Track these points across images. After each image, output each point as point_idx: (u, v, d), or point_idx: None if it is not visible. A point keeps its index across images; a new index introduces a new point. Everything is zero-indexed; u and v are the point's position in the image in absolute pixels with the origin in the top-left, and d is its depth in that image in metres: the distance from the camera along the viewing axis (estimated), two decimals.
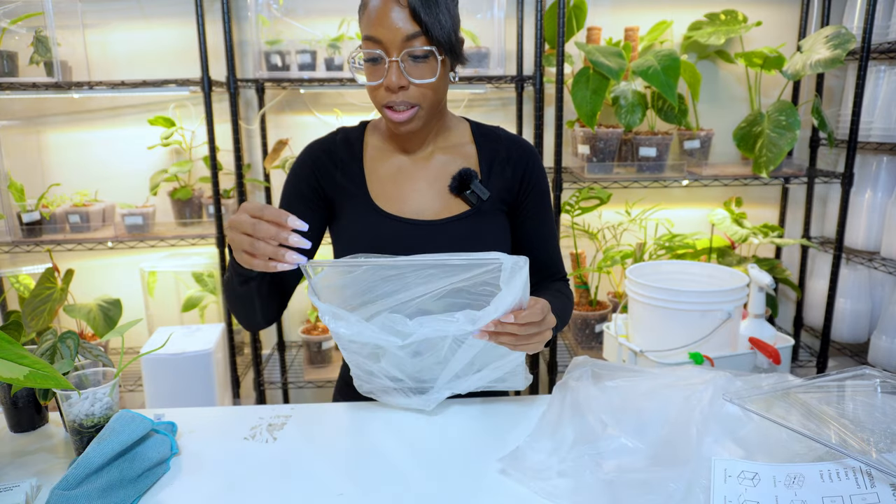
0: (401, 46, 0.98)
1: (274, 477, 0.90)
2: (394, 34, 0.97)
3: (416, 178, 1.14)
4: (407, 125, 1.05)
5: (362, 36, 1.01)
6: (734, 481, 0.77)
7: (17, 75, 2.18)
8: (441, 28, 0.99)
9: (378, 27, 0.98)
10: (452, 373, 1.01)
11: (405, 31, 0.97)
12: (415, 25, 0.97)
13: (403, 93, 1.01)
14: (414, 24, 0.97)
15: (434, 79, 1.01)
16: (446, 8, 1.00)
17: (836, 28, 2.05)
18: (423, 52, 0.99)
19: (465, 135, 1.19)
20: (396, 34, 0.97)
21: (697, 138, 2.29)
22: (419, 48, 0.99)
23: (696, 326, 1.65)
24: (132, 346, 2.54)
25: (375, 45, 0.99)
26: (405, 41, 0.98)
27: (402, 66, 0.99)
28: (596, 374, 1.03)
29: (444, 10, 0.99)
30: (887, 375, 0.93)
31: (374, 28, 0.98)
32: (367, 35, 1.00)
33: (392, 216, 1.11)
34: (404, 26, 0.97)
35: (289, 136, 2.33)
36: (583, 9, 2.22)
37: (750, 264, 1.87)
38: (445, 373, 1.01)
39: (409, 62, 1.00)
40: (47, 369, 0.76)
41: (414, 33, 0.98)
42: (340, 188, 1.13)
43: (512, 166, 1.16)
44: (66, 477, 0.82)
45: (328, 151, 1.15)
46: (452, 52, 1.03)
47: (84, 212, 2.24)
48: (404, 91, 1.01)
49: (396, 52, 0.98)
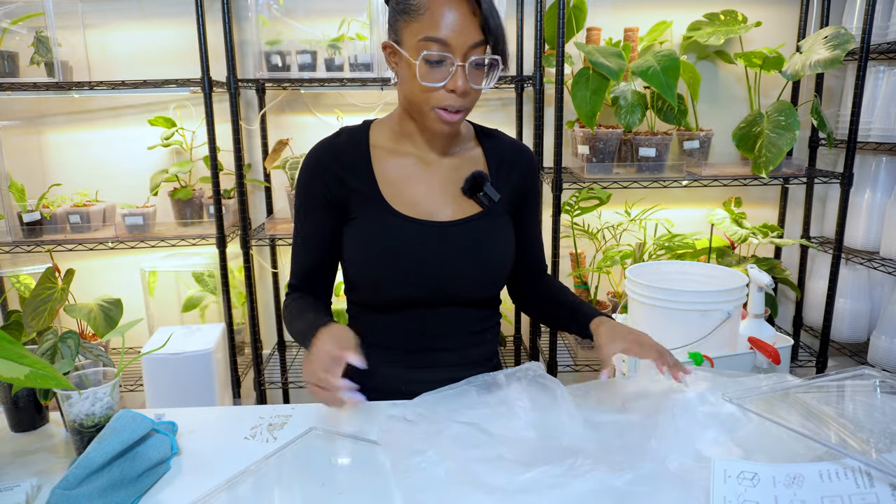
0: (468, 52, 1.01)
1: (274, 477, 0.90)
2: (465, 39, 1.00)
3: (427, 179, 1.16)
4: (454, 126, 1.07)
5: (422, 36, 1.00)
6: (734, 481, 0.77)
7: (17, 75, 2.18)
8: (504, 39, 1.03)
9: (450, 30, 0.99)
10: None
11: (474, 38, 1.00)
12: (481, 34, 1.01)
13: (464, 97, 1.04)
14: (481, 32, 1.00)
15: (490, 85, 1.06)
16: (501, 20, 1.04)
17: (836, 28, 2.05)
18: (491, 60, 1.03)
19: (471, 137, 1.22)
20: (467, 39, 1.00)
21: (697, 138, 2.29)
22: (484, 56, 1.02)
23: (695, 326, 1.65)
24: (132, 346, 2.54)
25: (444, 48, 1.00)
26: (472, 48, 1.01)
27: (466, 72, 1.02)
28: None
29: (502, 23, 1.03)
30: (886, 375, 0.93)
31: (444, 30, 0.99)
32: (434, 37, 1.00)
33: (407, 217, 1.12)
34: (473, 33, 1.00)
35: (289, 137, 2.33)
36: (582, 9, 2.22)
37: (749, 264, 1.87)
38: None
39: (471, 68, 1.02)
40: (48, 369, 0.76)
41: (480, 41, 1.01)
42: (351, 190, 1.13)
43: (517, 170, 1.20)
44: (67, 476, 0.82)
45: (335, 154, 1.15)
46: (506, 63, 1.06)
47: (84, 212, 2.24)
48: (466, 96, 1.04)
49: (463, 57, 1.01)
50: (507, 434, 0.92)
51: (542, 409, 0.99)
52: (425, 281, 1.11)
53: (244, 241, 2.24)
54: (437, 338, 1.17)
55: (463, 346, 1.19)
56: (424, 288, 1.12)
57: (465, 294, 1.15)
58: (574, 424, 0.95)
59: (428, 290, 1.12)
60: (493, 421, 0.96)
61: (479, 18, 1.00)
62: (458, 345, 1.19)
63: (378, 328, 1.18)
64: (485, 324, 1.22)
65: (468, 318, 1.18)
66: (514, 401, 1.01)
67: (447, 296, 1.14)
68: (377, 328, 1.18)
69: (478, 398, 1.03)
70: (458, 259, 1.12)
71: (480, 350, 1.22)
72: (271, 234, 2.25)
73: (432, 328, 1.16)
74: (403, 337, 1.17)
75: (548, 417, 0.97)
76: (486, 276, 1.15)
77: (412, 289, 1.12)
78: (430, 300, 1.14)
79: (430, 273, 1.11)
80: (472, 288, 1.15)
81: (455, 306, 1.16)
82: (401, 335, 1.17)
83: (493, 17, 1.00)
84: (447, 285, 1.13)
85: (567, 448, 0.88)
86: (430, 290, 1.12)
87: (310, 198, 1.15)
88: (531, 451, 0.88)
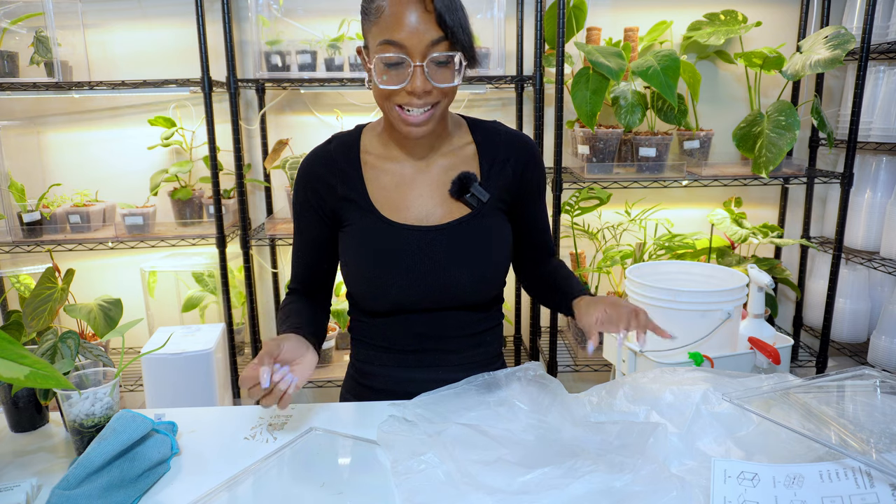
0: (425, 51, 0.98)
1: (274, 477, 0.90)
2: (419, 39, 0.97)
3: (417, 183, 1.14)
4: (421, 127, 1.05)
5: (380, 40, 0.99)
6: (734, 482, 0.77)
7: (17, 75, 2.18)
8: (464, 33, 0.99)
9: (402, 31, 0.97)
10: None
11: (430, 37, 0.97)
12: (439, 31, 0.97)
13: (426, 97, 1.01)
14: (438, 29, 0.97)
15: (456, 82, 1.03)
16: (463, 13, 1.01)
17: (836, 28, 2.05)
18: (447, 57, 1.00)
19: (465, 136, 1.19)
20: (422, 39, 0.97)
21: (697, 138, 2.29)
22: (444, 53, 0.99)
23: (695, 326, 1.65)
24: (132, 346, 2.54)
25: (398, 50, 0.98)
26: (430, 46, 0.98)
27: (426, 71, 0.99)
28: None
29: (463, 16, 1.00)
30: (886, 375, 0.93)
31: (397, 32, 0.97)
32: (389, 39, 0.98)
33: (396, 224, 1.11)
34: (430, 31, 0.97)
35: (289, 137, 2.33)
36: (583, 9, 2.22)
37: (749, 264, 1.87)
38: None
39: (432, 67, 1.00)
40: (48, 369, 0.76)
41: (438, 38, 0.98)
42: (343, 198, 1.13)
43: (512, 165, 1.16)
44: (67, 477, 0.82)
45: (325, 163, 1.15)
46: (471, 57, 1.03)
47: (84, 212, 2.24)
48: (427, 95, 1.01)
49: (420, 57, 0.98)
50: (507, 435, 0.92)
51: (542, 409, 0.99)
52: (419, 286, 1.11)
53: (244, 241, 2.24)
54: (438, 340, 1.17)
55: (464, 349, 1.19)
56: (419, 293, 1.11)
57: (460, 297, 1.14)
58: (574, 425, 0.95)
59: (423, 295, 1.12)
60: (493, 422, 0.96)
61: (433, 15, 0.96)
62: (459, 347, 1.18)
63: (378, 331, 1.18)
64: (485, 325, 1.21)
65: (468, 320, 1.17)
66: (514, 401, 1.01)
67: (443, 299, 1.13)
68: (377, 331, 1.18)
69: (477, 398, 1.03)
70: (449, 263, 1.11)
71: (482, 351, 1.21)
72: (271, 234, 2.25)
73: (432, 331, 1.15)
74: (403, 340, 1.17)
75: (547, 418, 0.97)
76: (480, 278, 1.14)
77: (407, 294, 1.11)
78: (425, 304, 1.13)
79: (423, 278, 1.10)
80: (467, 290, 1.13)
81: (453, 309, 1.15)
82: (400, 338, 1.17)
83: (450, 11, 0.97)
84: (442, 289, 1.12)
85: (567, 449, 0.88)
86: (425, 294, 1.12)
87: (303, 206, 1.16)
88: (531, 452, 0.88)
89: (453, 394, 1.04)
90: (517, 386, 1.05)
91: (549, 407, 0.99)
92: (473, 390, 1.05)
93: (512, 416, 0.98)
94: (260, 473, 0.90)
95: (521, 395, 1.02)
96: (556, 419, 0.96)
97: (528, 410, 0.99)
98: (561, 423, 0.95)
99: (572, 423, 0.95)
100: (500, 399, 1.02)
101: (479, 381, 1.06)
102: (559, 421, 0.96)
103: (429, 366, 1.18)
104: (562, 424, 0.95)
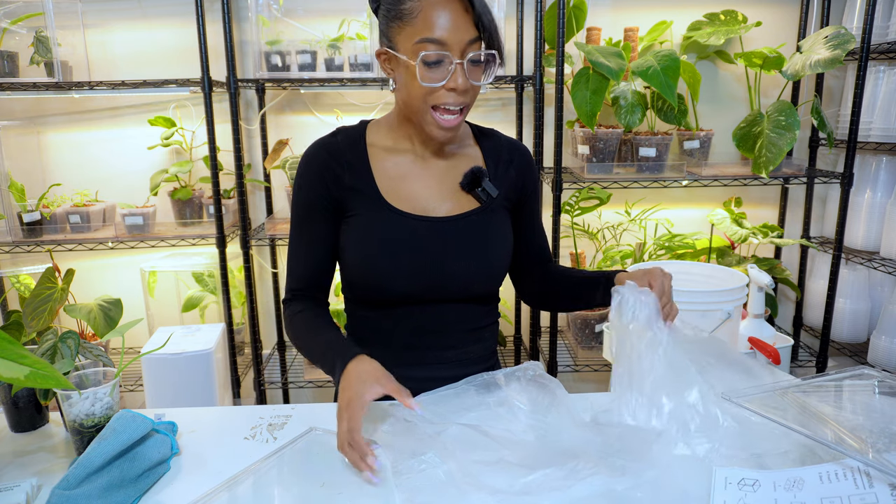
0: (465, 50, 1.02)
1: (274, 477, 0.90)
2: (461, 37, 1.01)
3: (424, 177, 1.17)
4: (452, 132, 1.08)
5: (417, 38, 1.01)
6: (734, 488, 0.78)
7: (17, 75, 2.18)
8: (498, 34, 1.04)
9: (445, 30, 1.00)
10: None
11: (470, 35, 1.01)
12: (476, 31, 1.02)
13: (464, 95, 1.05)
14: (475, 29, 1.02)
15: (489, 81, 1.07)
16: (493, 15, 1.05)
17: (836, 28, 2.05)
18: (488, 55, 1.04)
19: (468, 136, 1.24)
20: (462, 37, 1.01)
21: (697, 138, 2.29)
22: (483, 52, 1.03)
23: None
24: (132, 346, 2.54)
25: (441, 48, 1.01)
26: (468, 45, 1.02)
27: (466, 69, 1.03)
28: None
29: (494, 18, 1.04)
30: (885, 376, 0.93)
31: (439, 31, 1.00)
32: (430, 38, 1.01)
33: (404, 213, 1.13)
34: (469, 30, 1.01)
35: (289, 137, 2.33)
36: (583, 9, 2.22)
37: (749, 264, 1.87)
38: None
39: (469, 65, 1.03)
40: (48, 369, 0.76)
41: (475, 38, 1.02)
42: (349, 188, 1.14)
43: (514, 169, 1.22)
44: (67, 476, 0.82)
45: (333, 153, 1.15)
46: (501, 57, 1.07)
47: (84, 212, 2.24)
48: (465, 94, 1.05)
49: (460, 55, 1.02)
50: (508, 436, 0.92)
51: (542, 410, 0.99)
52: (423, 276, 1.12)
53: (244, 241, 2.24)
54: (436, 334, 1.17)
55: (461, 343, 1.20)
56: (422, 283, 1.12)
57: (462, 290, 1.15)
58: (574, 426, 0.95)
59: (426, 286, 1.13)
60: (493, 422, 0.96)
61: (471, 15, 1.01)
62: (457, 341, 1.19)
63: (376, 325, 1.18)
64: (483, 321, 1.23)
65: (467, 314, 1.19)
66: (514, 401, 1.01)
67: (445, 291, 1.14)
68: (375, 325, 1.18)
69: (477, 399, 1.03)
70: (455, 254, 1.13)
71: (479, 347, 1.23)
72: (271, 234, 2.25)
73: (430, 325, 1.17)
74: (401, 334, 1.17)
75: (547, 418, 0.97)
76: (483, 272, 1.16)
77: (410, 284, 1.12)
78: (427, 296, 1.14)
79: (427, 268, 1.12)
80: (469, 283, 1.15)
81: (453, 302, 1.16)
82: (399, 332, 1.17)
83: (486, 13, 1.01)
84: (445, 280, 1.13)
85: (568, 451, 0.88)
86: (427, 285, 1.13)
87: (310, 197, 1.15)
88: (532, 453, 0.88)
89: (453, 394, 1.04)
90: (517, 386, 1.05)
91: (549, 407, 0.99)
92: (473, 390, 1.05)
93: (512, 417, 0.98)
94: (260, 473, 0.90)
95: (521, 396, 1.02)
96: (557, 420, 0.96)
97: (528, 411, 0.99)
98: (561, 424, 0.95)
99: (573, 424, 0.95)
100: (499, 399, 1.02)
101: (479, 382, 1.06)
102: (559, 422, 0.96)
103: (427, 363, 1.18)
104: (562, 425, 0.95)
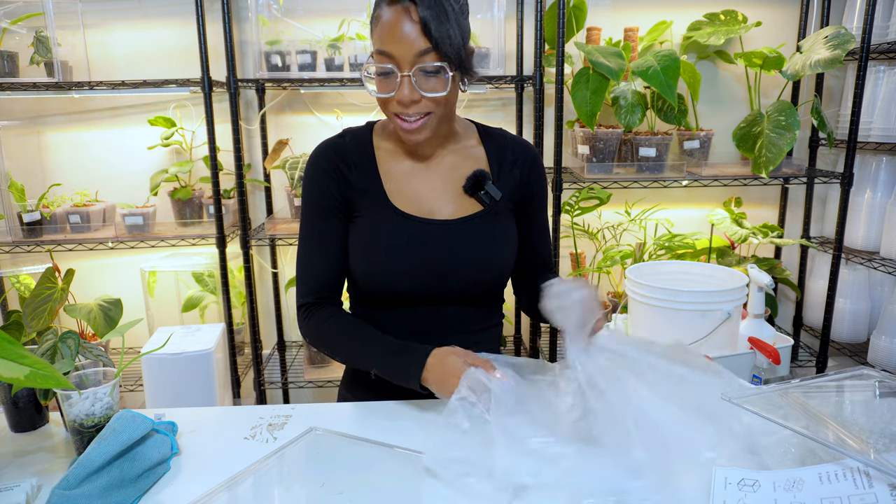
0: (413, 62, 1.01)
1: (274, 477, 0.90)
2: (406, 49, 1.00)
3: (429, 178, 1.17)
4: (416, 135, 1.07)
5: (374, 49, 1.03)
6: (734, 488, 0.78)
7: (17, 75, 2.18)
8: (451, 44, 1.01)
9: (390, 42, 1.00)
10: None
11: (417, 47, 1.00)
12: (426, 41, 0.99)
13: (415, 105, 1.04)
14: (425, 39, 0.99)
15: (445, 93, 1.04)
16: (456, 22, 1.02)
17: (836, 28, 2.05)
18: (435, 67, 1.02)
19: (473, 137, 1.23)
20: (408, 49, 1.00)
21: (697, 138, 2.29)
22: (430, 64, 1.01)
23: (695, 326, 1.65)
24: (132, 346, 2.54)
25: (387, 60, 1.01)
26: (417, 56, 1.00)
27: (413, 81, 1.02)
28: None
29: (454, 25, 1.01)
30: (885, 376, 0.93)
31: (385, 43, 1.00)
32: (379, 49, 1.02)
33: (409, 216, 1.14)
34: (416, 42, 0.99)
35: (289, 137, 2.33)
36: (583, 9, 2.22)
37: (749, 264, 1.87)
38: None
39: (420, 76, 1.02)
40: (48, 369, 0.76)
41: (425, 49, 1.00)
42: (357, 189, 1.15)
43: (519, 168, 1.21)
44: (67, 477, 0.82)
45: (340, 154, 1.16)
46: (462, 67, 1.05)
47: (84, 212, 2.24)
48: (416, 104, 1.04)
49: (408, 66, 1.01)
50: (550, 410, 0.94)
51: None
52: (427, 278, 1.13)
53: (244, 241, 2.24)
54: (439, 336, 1.17)
55: (465, 345, 1.19)
56: (426, 285, 1.13)
57: (466, 292, 1.16)
58: None
59: (430, 288, 1.13)
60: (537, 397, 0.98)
61: (419, 26, 0.99)
62: (460, 343, 1.19)
63: (379, 325, 1.18)
64: (487, 322, 1.23)
65: (470, 316, 1.19)
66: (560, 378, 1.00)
67: (449, 293, 1.15)
68: (378, 325, 1.18)
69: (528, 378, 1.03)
70: (459, 257, 1.13)
71: (482, 349, 1.22)
72: (271, 234, 2.25)
73: (434, 326, 1.17)
74: (406, 335, 1.17)
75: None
76: (487, 274, 1.16)
77: (414, 285, 1.13)
78: (431, 298, 1.15)
79: (431, 270, 1.12)
80: (473, 285, 1.16)
81: (457, 304, 1.17)
82: (403, 333, 1.17)
83: (437, 21, 0.99)
84: (449, 283, 1.14)
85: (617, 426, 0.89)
86: (431, 287, 1.13)
87: (322, 198, 1.15)
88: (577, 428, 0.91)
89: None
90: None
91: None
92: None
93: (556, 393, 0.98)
94: (260, 473, 0.90)
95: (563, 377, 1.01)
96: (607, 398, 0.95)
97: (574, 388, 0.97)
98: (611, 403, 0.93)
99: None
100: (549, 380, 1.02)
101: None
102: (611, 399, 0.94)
103: None
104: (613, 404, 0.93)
